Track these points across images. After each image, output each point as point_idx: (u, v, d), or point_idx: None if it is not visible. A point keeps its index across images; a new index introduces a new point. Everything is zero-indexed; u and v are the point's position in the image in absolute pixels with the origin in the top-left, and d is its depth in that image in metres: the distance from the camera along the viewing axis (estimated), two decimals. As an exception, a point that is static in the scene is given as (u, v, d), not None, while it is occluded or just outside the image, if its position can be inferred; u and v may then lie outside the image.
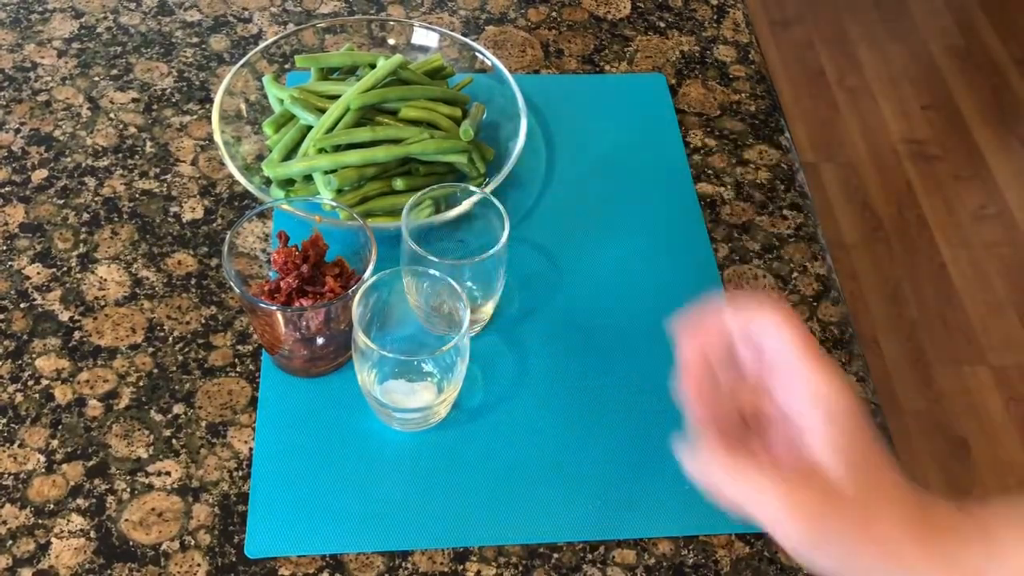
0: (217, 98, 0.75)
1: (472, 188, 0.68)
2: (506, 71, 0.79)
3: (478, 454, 0.63)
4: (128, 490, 0.61)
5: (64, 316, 0.69)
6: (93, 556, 0.58)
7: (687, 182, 0.80)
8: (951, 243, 1.97)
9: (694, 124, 0.85)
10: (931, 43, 2.38)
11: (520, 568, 0.59)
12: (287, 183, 0.73)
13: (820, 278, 0.75)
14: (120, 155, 0.79)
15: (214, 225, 0.75)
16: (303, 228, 0.67)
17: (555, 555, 0.60)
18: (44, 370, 0.66)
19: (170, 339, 0.68)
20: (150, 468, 0.62)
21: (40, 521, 0.59)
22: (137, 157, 0.79)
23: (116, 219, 0.74)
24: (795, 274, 0.75)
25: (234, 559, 0.58)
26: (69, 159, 0.78)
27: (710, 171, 0.82)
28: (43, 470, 0.61)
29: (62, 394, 0.65)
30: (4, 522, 0.59)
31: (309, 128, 0.74)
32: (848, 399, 0.48)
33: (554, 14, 0.94)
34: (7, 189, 0.76)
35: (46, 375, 0.66)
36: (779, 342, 0.49)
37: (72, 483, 0.61)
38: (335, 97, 0.75)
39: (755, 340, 0.49)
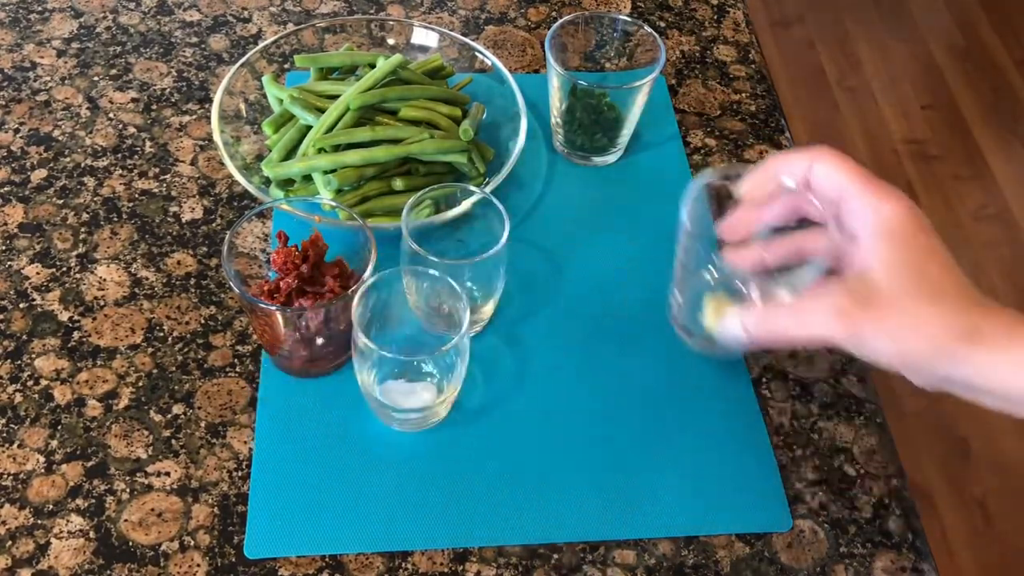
0: (216, 98, 0.75)
1: (472, 188, 0.68)
2: (506, 71, 0.79)
3: (478, 454, 0.63)
4: (128, 490, 0.61)
5: (63, 316, 0.68)
6: (93, 556, 0.58)
7: (687, 182, 0.80)
8: (951, 243, 1.96)
9: (694, 124, 0.85)
10: (931, 43, 2.38)
11: (520, 568, 0.59)
12: (286, 183, 0.73)
13: (820, 278, 0.75)
14: (119, 155, 0.78)
15: (214, 225, 0.74)
16: (303, 228, 0.67)
17: (555, 555, 0.60)
18: (43, 370, 0.66)
19: (169, 339, 0.68)
20: (150, 468, 0.62)
21: (40, 521, 0.59)
22: (136, 157, 0.78)
23: (115, 219, 0.74)
24: (795, 274, 0.75)
25: (234, 559, 0.58)
26: (68, 159, 0.78)
27: (710, 171, 0.81)
28: (42, 470, 0.61)
29: (61, 394, 0.65)
30: (4, 522, 0.59)
31: (309, 128, 0.74)
32: (911, 218, 0.54)
33: (554, 14, 0.94)
34: (6, 189, 0.76)
35: (45, 375, 0.65)
36: (840, 179, 0.54)
37: (71, 483, 0.61)
38: (335, 97, 0.75)
39: (814, 184, 0.55)
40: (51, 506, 0.60)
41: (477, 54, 0.81)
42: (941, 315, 0.53)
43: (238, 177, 0.70)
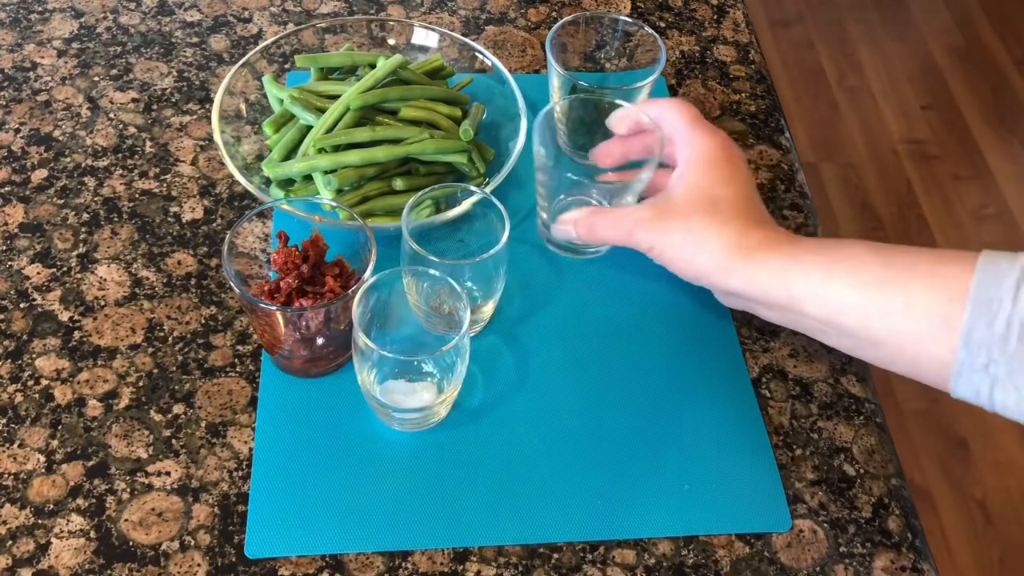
0: (217, 98, 0.75)
1: (472, 188, 0.68)
2: (506, 71, 0.79)
3: (478, 454, 0.63)
4: (128, 490, 0.61)
5: (64, 316, 0.69)
6: (93, 556, 0.58)
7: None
8: (951, 243, 1.97)
9: (694, 124, 0.85)
10: (931, 43, 2.38)
11: (520, 568, 0.59)
12: (287, 183, 0.73)
13: (820, 278, 0.75)
14: (120, 155, 0.79)
15: (214, 225, 0.75)
16: (303, 228, 0.67)
17: (555, 555, 0.60)
18: (44, 370, 0.66)
19: (170, 339, 0.68)
20: (150, 468, 0.62)
21: (40, 521, 0.59)
22: (137, 157, 0.79)
23: (116, 219, 0.74)
24: (795, 274, 0.75)
25: (234, 559, 0.58)
26: (69, 159, 0.78)
27: (710, 171, 0.81)
28: (43, 470, 0.61)
29: (62, 394, 0.65)
30: (4, 522, 0.59)
31: (309, 128, 0.74)
32: (720, 150, 0.63)
33: (554, 14, 0.94)
34: (7, 189, 0.76)
35: (46, 375, 0.66)
36: (677, 121, 0.65)
37: (72, 483, 0.61)
38: (335, 97, 0.75)
39: (663, 126, 0.66)
40: (51, 506, 0.60)
41: (477, 54, 0.81)
42: (720, 232, 0.59)
43: (238, 177, 0.71)
